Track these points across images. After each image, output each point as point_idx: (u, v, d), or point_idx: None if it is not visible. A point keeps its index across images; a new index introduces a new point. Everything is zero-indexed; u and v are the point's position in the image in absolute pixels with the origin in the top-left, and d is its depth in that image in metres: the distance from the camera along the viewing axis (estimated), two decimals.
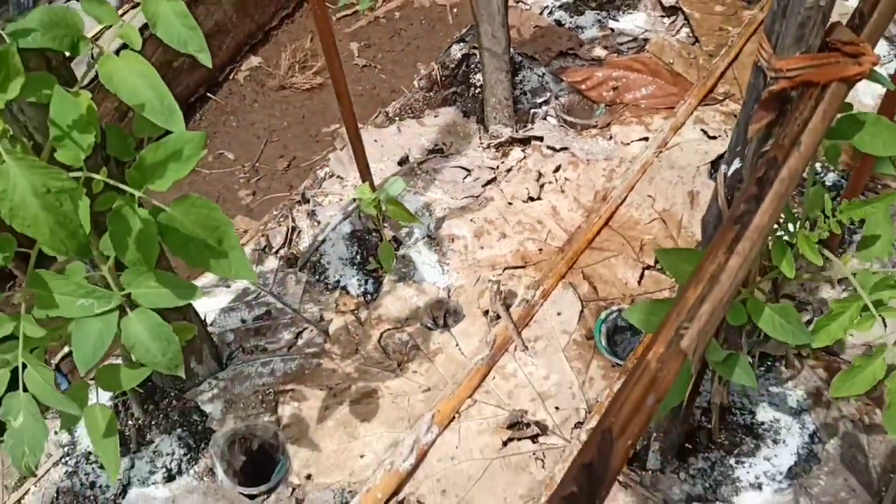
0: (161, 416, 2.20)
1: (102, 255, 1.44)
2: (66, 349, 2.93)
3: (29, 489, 2.15)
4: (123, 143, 1.66)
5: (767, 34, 1.25)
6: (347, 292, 2.46)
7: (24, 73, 1.10)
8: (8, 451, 1.40)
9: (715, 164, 2.61)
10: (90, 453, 2.16)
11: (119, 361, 1.70)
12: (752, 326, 1.64)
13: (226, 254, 1.39)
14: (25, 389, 1.39)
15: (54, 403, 1.39)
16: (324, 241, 2.57)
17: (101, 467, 2.13)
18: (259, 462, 2.19)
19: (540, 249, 2.46)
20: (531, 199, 2.60)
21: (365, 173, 2.40)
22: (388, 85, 3.60)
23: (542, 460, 2.05)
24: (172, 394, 2.24)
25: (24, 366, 1.39)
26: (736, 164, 1.42)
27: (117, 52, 1.28)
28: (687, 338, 0.91)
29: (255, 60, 3.78)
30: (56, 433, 2.22)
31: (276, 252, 2.58)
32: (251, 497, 2.08)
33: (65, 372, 2.86)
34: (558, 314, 2.29)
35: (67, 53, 1.33)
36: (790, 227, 1.37)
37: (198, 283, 2.13)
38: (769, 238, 1.38)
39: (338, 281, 2.49)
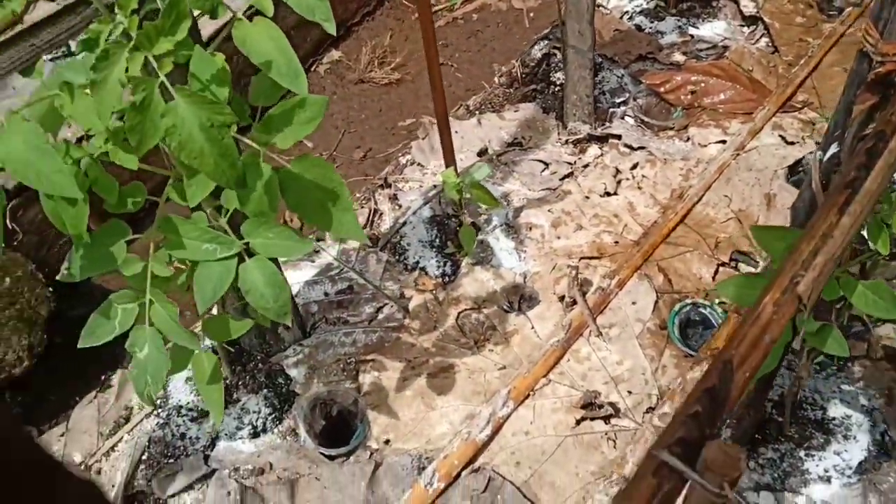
0: (248, 377, 2.31)
1: (217, 208, 1.55)
2: None
3: (122, 437, 2.27)
4: (241, 109, 1.77)
5: (874, 21, 1.31)
6: (426, 273, 2.55)
7: (190, 17, 1.21)
8: (132, 379, 1.51)
9: (793, 169, 2.65)
10: (181, 407, 2.28)
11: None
12: (835, 314, 1.69)
13: (339, 214, 1.49)
14: (151, 324, 1.50)
15: (177, 338, 1.50)
16: (404, 223, 2.67)
17: (192, 420, 2.25)
18: (337, 427, 2.29)
19: (616, 242, 2.52)
20: (608, 193, 2.67)
21: (450, 158, 2.49)
22: (463, 83, 3.70)
23: (614, 441, 2.11)
24: (259, 357, 2.35)
25: (151, 302, 1.50)
26: (833, 148, 1.48)
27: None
28: (803, 284, 0.97)
29: (335, 54, 3.92)
30: None
31: None
32: (330, 458, 2.17)
33: None
34: (633, 303, 2.35)
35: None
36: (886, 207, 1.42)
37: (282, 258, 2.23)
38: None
39: (417, 262, 2.58)
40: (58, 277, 1.61)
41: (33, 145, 1.24)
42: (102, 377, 2.46)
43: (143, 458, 2.22)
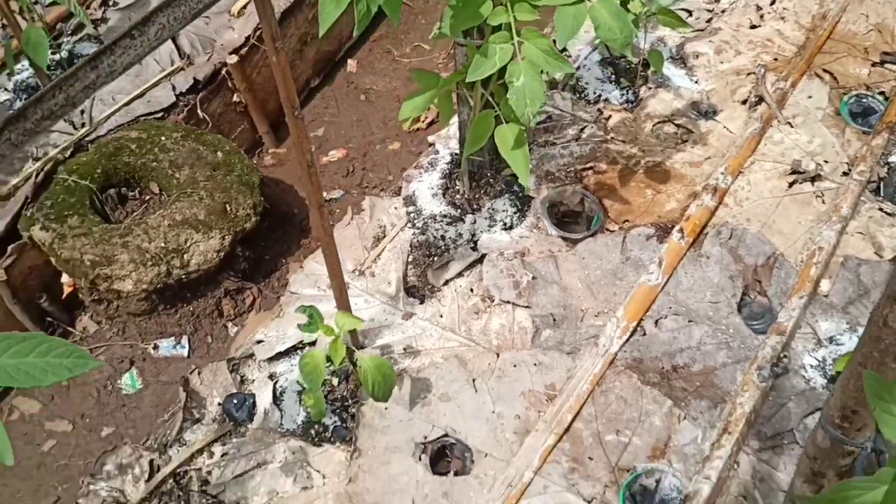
0: (484, 189, 2.73)
1: None
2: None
3: (385, 247, 2.67)
4: None
5: None
6: (610, 102, 2.99)
7: None
8: (513, 104, 1.92)
9: None
10: (435, 216, 2.69)
11: None
12: None
13: None
14: (523, 58, 1.92)
15: (550, 67, 1.92)
16: (579, 67, 3.11)
17: (448, 224, 2.65)
18: (566, 225, 2.71)
19: (775, 59, 3.00)
20: (754, 26, 3.15)
21: None
22: None
23: (822, 198, 2.57)
24: (489, 173, 2.76)
25: (521, 42, 1.92)
26: None
27: None
28: None
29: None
30: (396, 208, 2.74)
31: None
32: (573, 241, 2.59)
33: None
34: (809, 97, 2.83)
35: None
36: None
37: None
38: None
39: (599, 95, 3.03)
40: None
41: None
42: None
43: (409, 259, 2.62)
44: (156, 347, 2.99)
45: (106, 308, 2.99)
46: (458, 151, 2.83)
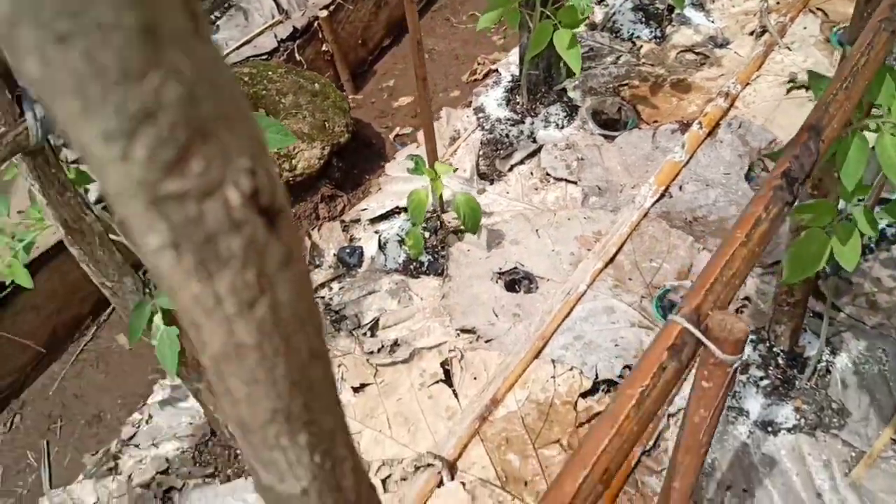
0: (540, 100, 3.38)
1: None
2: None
3: (459, 145, 3.33)
4: None
5: None
6: (641, 38, 3.65)
7: None
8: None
9: None
10: (499, 119, 3.34)
11: None
12: None
13: None
14: None
15: None
16: (615, 13, 3.78)
17: (511, 125, 3.31)
18: (607, 128, 3.36)
19: (777, 2, 3.65)
20: None
21: None
22: None
23: (813, 101, 3.20)
24: (543, 88, 3.42)
25: None
26: None
27: None
28: None
29: None
30: (467, 116, 3.40)
31: None
32: (611, 138, 3.23)
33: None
34: (804, 28, 3.47)
35: None
36: None
37: None
38: None
39: (632, 34, 3.69)
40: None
41: None
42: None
43: (480, 153, 3.28)
44: None
45: None
46: (517, 73, 3.49)
